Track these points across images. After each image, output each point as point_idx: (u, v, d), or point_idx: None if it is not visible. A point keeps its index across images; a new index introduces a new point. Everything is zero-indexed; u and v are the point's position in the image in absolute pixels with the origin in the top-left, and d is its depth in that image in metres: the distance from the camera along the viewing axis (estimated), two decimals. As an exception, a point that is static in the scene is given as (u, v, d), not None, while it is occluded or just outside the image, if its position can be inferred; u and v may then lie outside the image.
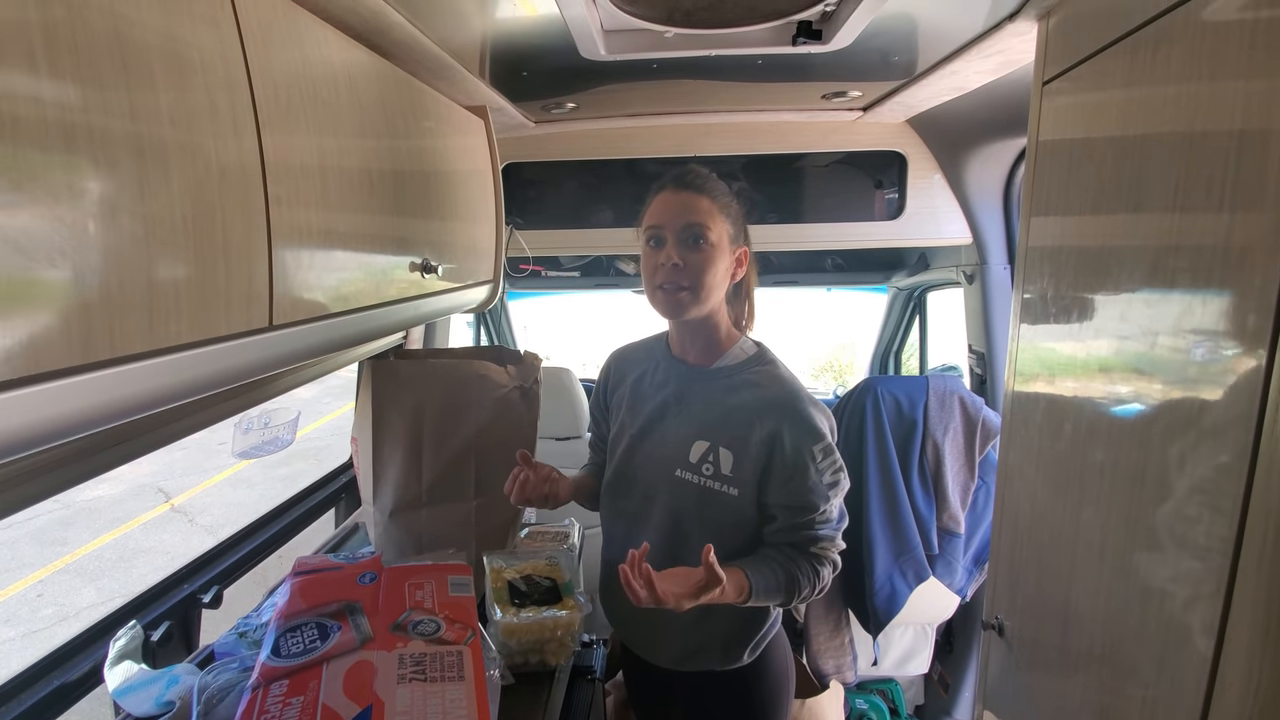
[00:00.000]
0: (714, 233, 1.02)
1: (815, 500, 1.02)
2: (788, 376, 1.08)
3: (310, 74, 0.78)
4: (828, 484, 1.03)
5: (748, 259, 1.10)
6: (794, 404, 1.03)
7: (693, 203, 1.03)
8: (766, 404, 1.03)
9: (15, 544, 4.71)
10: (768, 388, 1.05)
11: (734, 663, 1.13)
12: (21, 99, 0.43)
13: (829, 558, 1.05)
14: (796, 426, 1.01)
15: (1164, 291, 0.71)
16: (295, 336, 0.74)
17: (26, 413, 0.45)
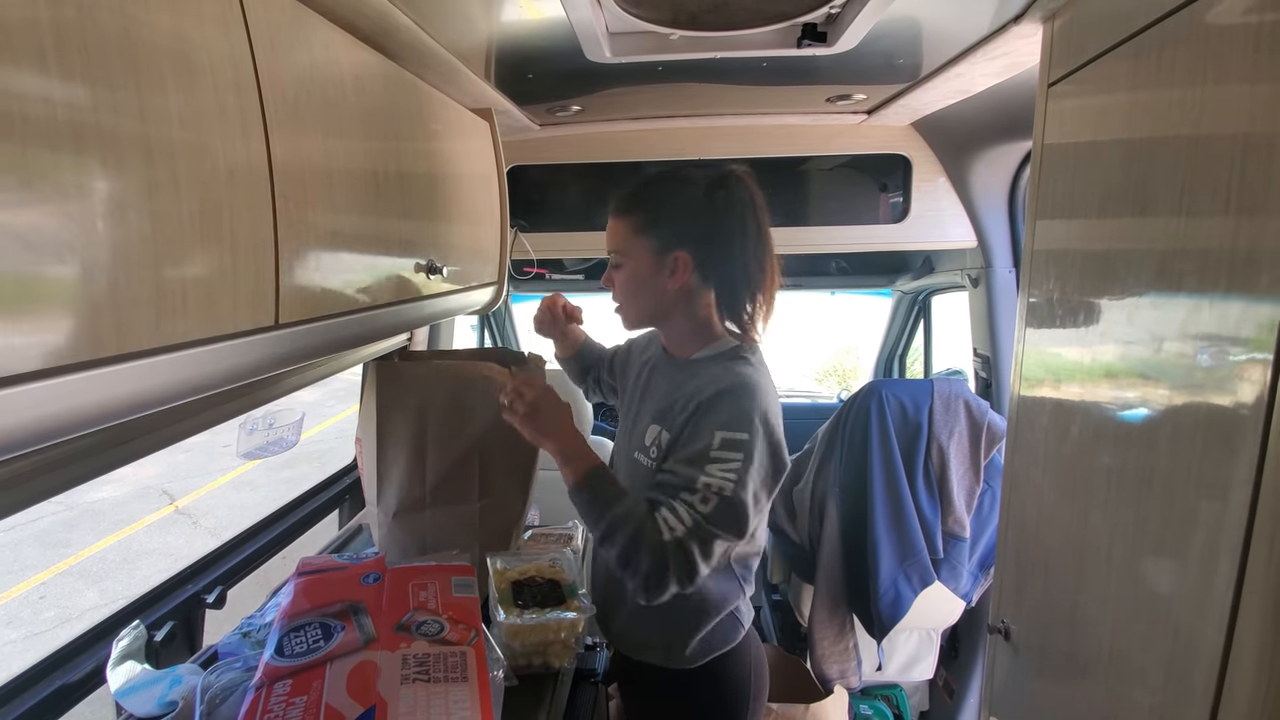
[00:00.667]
0: (628, 254, 1.07)
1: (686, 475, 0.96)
2: (739, 370, 1.02)
3: (318, 75, 0.79)
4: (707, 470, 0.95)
5: (686, 264, 1.05)
6: (730, 389, 0.99)
7: (612, 228, 1.09)
8: (704, 389, 1.01)
9: (18, 546, 4.72)
10: (714, 375, 1.03)
11: (679, 664, 1.13)
12: (32, 98, 0.44)
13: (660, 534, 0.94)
14: (713, 407, 0.98)
15: (1170, 295, 0.71)
16: (301, 335, 0.74)
17: (35, 408, 0.45)
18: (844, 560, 1.85)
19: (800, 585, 2.03)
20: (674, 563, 0.94)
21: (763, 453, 0.98)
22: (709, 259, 1.06)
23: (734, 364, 1.05)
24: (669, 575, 0.94)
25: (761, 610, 2.49)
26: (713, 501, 0.95)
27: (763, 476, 0.98)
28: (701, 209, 1.05)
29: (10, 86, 0.43)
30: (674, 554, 0.94)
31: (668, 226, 1.05)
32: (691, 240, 1.05)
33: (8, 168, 0.42)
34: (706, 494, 0.95)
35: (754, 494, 0.97)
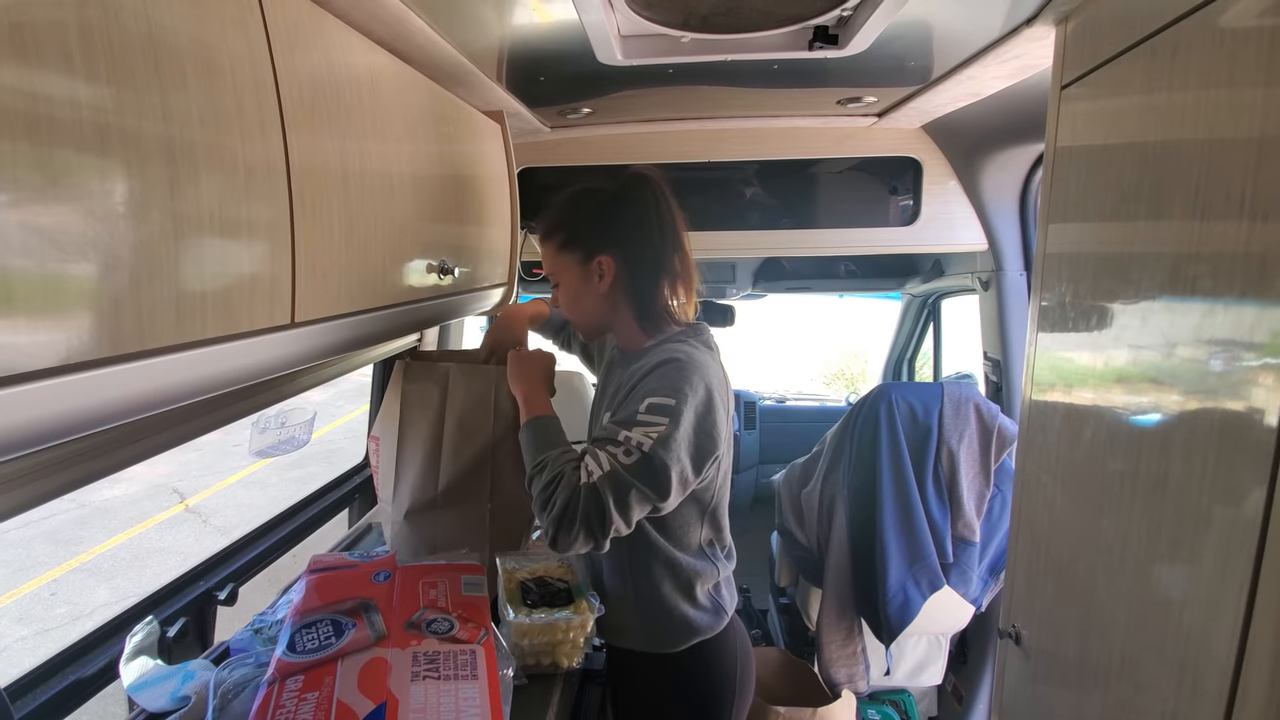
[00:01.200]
0: (559, 273, 1.16)
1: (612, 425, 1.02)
2: (680, 348, 1.08)
3: (334, 77, 0.80)
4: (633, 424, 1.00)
5: (609, 265, 1.11)
6: (663, 363, 1.04)
7: (542, 254, 1.19)
8: (643, 367, 1.07)
9: (30, 543, 4.77)
10: (654, 356, 1.08)
11: (661, 647, 1.15)
12: (58, 100, 0.45)
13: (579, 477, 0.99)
14: (650, 377, 1.04)
15: (1184, 299, 0.71)
16: (316, 334, 0.75)
17: (57, 402, 0.46)
18: (852, 564, 1.85)
19: (808, 588, 2.02)
20: (586, 504, 0.98)
21: (689, 422, 1.01)
22: (629, 256, 1.12)
23: (673, 344, 1.10)
24: (578, 516, 0.97)
25: (768, 613, 2.48)
26: (634, 455, 0.99)
27: (687, 445, 1.01)
28: (611, 215, 1.12)
29: (38, 88, 0.43)
30: (587, 496, 0.98)
31: (584, 237, 1.12)
32: (608, 243, 1.12)
33: (35, 167, 0.43)
34: (629, 447, 0.99)
35: (676, 457, 0.99)
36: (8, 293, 0.42)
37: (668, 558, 1.13)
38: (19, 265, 0.42)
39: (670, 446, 0.99)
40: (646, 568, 1.14)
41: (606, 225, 1.12)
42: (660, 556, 1.13)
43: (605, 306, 1.15)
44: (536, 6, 1.01)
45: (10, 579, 4.37)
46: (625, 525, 1.00)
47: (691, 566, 1.14)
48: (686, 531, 1.14)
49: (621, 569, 1.16)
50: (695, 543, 1.15)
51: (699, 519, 1.14)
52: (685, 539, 1.14)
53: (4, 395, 0.42)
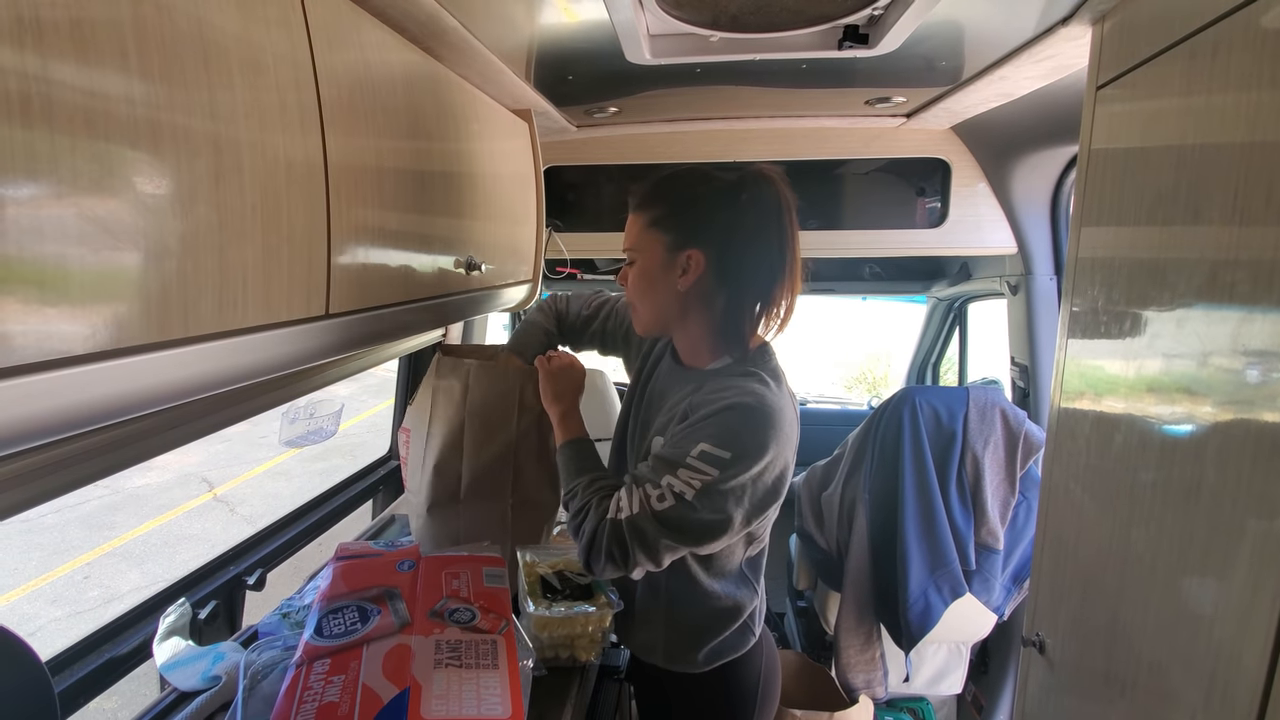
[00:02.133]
0: (641, 250, 1.03)
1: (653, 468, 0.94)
2: (746, 387, 0.95)
3: (371, 75, 0.81)
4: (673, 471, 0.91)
5: (698, 263, 0.99)
6: (730, 409, 0.93)
7: (629, 223, 1.05)
8: (710, 403, 0.95)
9: (64, 528, 4.92)
10: (725, 391, 0.96)
11: (685, 667, 1.12)
12: (115, 97, 0.47)
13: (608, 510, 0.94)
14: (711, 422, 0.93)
15: (1221, 306, 0.69)
16: (349, 325, 0.77)
17: (107, 385, 0.48)
18: (872, 568, 1.83)
19: (826, 592, 2.01)
20: (609, 540, 0.93)
21: (746, 477, 0.91)
22: (725, 261, 0.99)
23: (748, 381, 0.96)
24: (603, 549, 0.94)
25: (785, 616, 2.47)
26: (668, 502, 0.91)
27: (735, 499, 0.91)
28: (720, 208, 0.98)
29: (96, 85, 0.45)
30: (612, 531, 0.93)
31: (682, 222, 1.00)
32: (706, 239, 0.99)
33: (92, 160, 0.45)
34: (665, 493, 0.91)
35: (716, 511, 0.91)
36: (64, 279, 0.44)
37: (705, 588, 1.08)
38: (76, 253, 0.45)
39: (713, 497, 0.90)
40: (681, 593, 1.09)
41: (710, 220, 0.98)
42: (698, 586, 1.08)
43: (677, 307, 1.02)
44: (566, 6, 1.02)
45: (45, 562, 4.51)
46: (653, 565, 0.95)
47: (729, 596, 1.09)
48: (728, 559, 1.09)
49: (656, 589, 1.11)
50: (735, 568, 1.10)
51: (743, 547, 1.09)
52: (725, 566, 1.09)
53: (58, 377, 0.44)
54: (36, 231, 0.42)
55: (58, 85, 0.43)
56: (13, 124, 0.40)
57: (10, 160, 0.40)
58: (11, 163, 0.40)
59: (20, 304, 0.42)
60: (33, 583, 4.29)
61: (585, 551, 0.96)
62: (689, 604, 1.09)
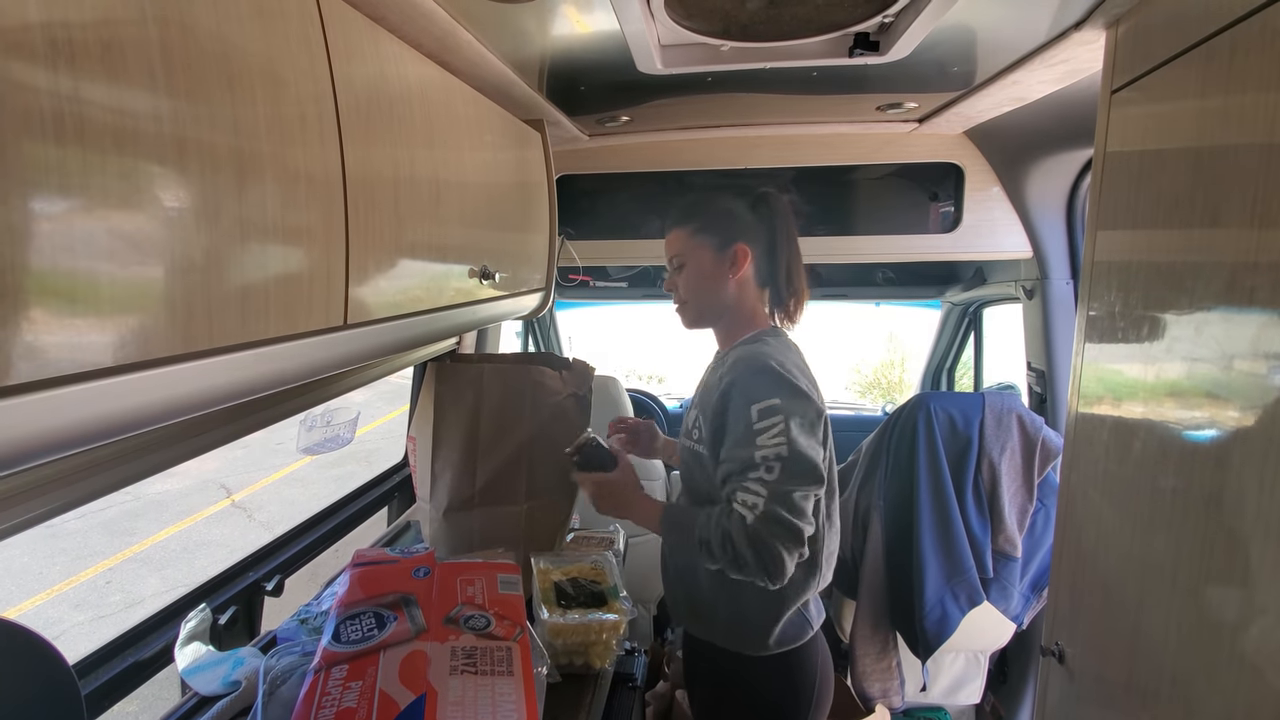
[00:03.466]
0: (687, 256, 1.20)
1: (742, 457, 1.03)
2: (765, 346, 1.13)
3: (388, 89, 0.83)
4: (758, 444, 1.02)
5: (745, 254, 1.18)
6: (747, 366, 1.09)
7: (672, 237, 1.23)
8: (730, 367, 1.12)
9: (87, 533, 5.00)
10: (740, 355, 1.13)
11: (754, 649, 1.15)
12: (143, 115, 0.48)
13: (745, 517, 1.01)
14: (743, 384, 1.07)
15: (1241, 310, 0.68)
16: (366, 335, 0.78)
17: (135, 396, 0.49)
18: (888, 576, 1.81)
19: (841, 599, 1.99)
20: (769, 534, 1.00)
21: (795, 405, 1.05)
22: (761, 254, 1.20)
23: (751, 345, 1.15)
24: (773, 547, 1.00)
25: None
26: (776, 467, 1.01)
27: (806, 424, 1.05)
28: (749, 212, 1.20)
29: (125, 104, 0.47)
30: (764, 526, 1.00)
31: (724, 225, 1.19)
32: (746, 235, 1.19)
33: (120, 177, 0.47)
34: (768, 464, 1.02)
35: (807, 442, 1.04)
36: (94, 292, 0.46)
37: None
38: (105, 267, 0.46)
39: (797, 438, 1.02)
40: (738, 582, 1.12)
41: (744, 221, 1.20)
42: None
43: (726, 299, 1.20)
44: (577, 18, 1.03)
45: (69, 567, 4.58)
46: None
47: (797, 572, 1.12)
48: None
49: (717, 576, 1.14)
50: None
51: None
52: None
53: (89, 389, 0.46)
54: (68, 246, 0.43)
55: (89, 104, 0.44)
56: (46, 142, 0.42)
57: (44, 177, 0.42)
58: (45, 179, 0.42)
59: (53, 317, 0.43)
60: (57, 587, 4.37)
61: (760, 566, 1.01)
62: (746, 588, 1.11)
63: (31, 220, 0.41)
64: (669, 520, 1.15)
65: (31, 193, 0.41)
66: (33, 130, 0.41)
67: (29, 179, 0.41)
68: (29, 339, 0.41)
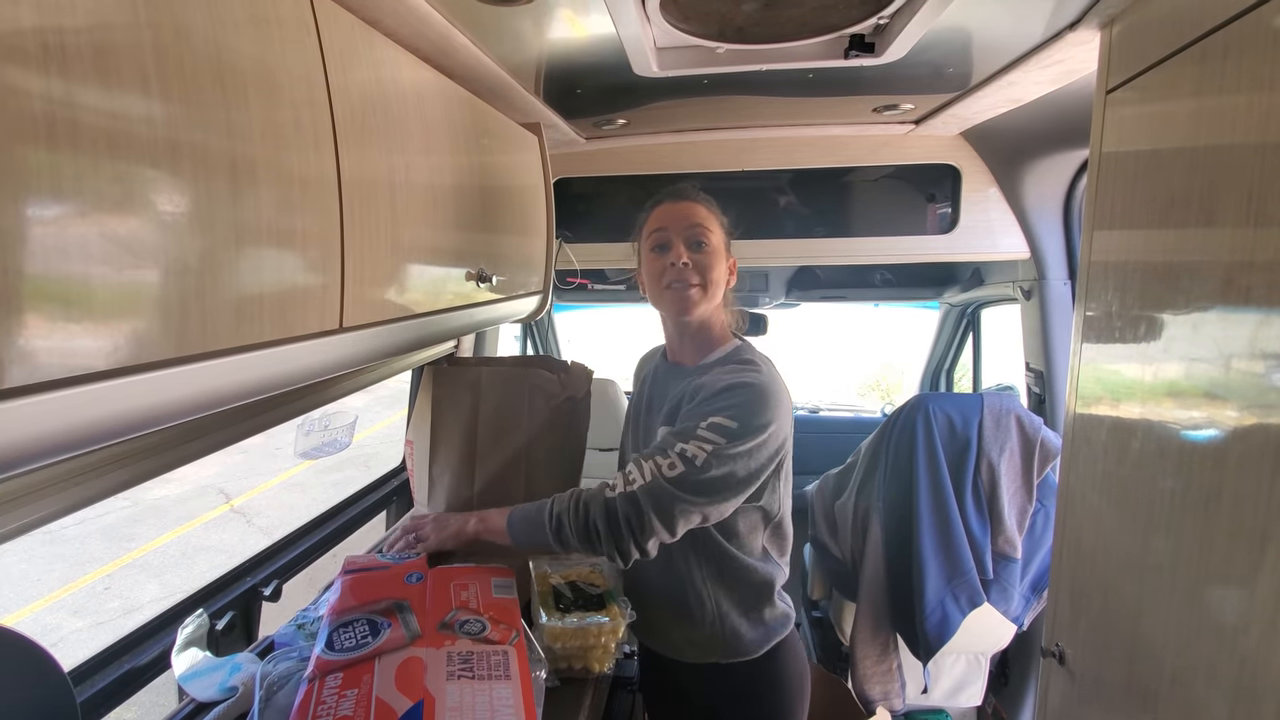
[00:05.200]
0: (714, 235, 1.14)
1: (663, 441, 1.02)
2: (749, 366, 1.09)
3: (383, 93, 0.83)
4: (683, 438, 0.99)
5: (735, 269, 1.20)
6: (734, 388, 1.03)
7: (692, 210, 1.15)
8: (712, 384, 1.06)
9: (86, 539, 4.99)
10: (725, 375, 1.07)
11: (742, 654, 1.15)
12: (136, 119, 0.48)
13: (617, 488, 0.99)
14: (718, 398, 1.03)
15: (1238, 309, 0.68)
16: (362, 339, 0.78)
17: (129, 400, 0.49)
18: (888, 578, 1.81)
19: (841, 602, 1.99)
20: (622, 513, 0.98)
21: (749, 444, 1.00)
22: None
23: (745, 368, 1.09)
24: (620, 526, 0.98)
25: (801, 626, 2.45)
26: (679, 469, 0.98)
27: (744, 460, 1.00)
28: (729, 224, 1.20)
29: (118, 108, 0.47)
30: (622, 505, 0.98)
31: (727, 230, 1.19)
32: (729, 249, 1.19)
33: (114, 181, 0.47)
34: (675, 461, 0.98)
35: (728, 471, 0.99)
36: (88, 296, 0.45)
37: (741, 563, 1.14)
38: (99, 271, 0.46)
39: (724, 460, 0.98)
40: (724, 574, 1.14)
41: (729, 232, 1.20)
42: (734, 561, 1.14)
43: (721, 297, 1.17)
44: (574, 21, 1.03)
45: (67, 573, 4.57)
46: (668, 532, 1.00)
47: (762, 568, 1.15)
48: (751, 538, 1.15)
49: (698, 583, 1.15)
50: (759, 548, 1.16)
51: (763, 526, 1.15)
52: (752, 546, 1.15)
53: (82, 393, 0.45)
54: (60, 251, 0.43)
55: (81, 108, 0.44)
56: (38, 146, 0.41)
57: (36, 181, 0.42)
58: (37, 184, 0.42)
59: (46, 321, 0.43)
60: (55, 594, 4.35)
61: (609, 539, 0.99)
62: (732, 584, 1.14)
63: (24, 224, 0.41)
64: (514, 512, 1.09)
65: (24, 197, 0.41)
66: (25, 134, 0.41)
67: (21, 183, 0.41)
68: (22, 343, 0.41)
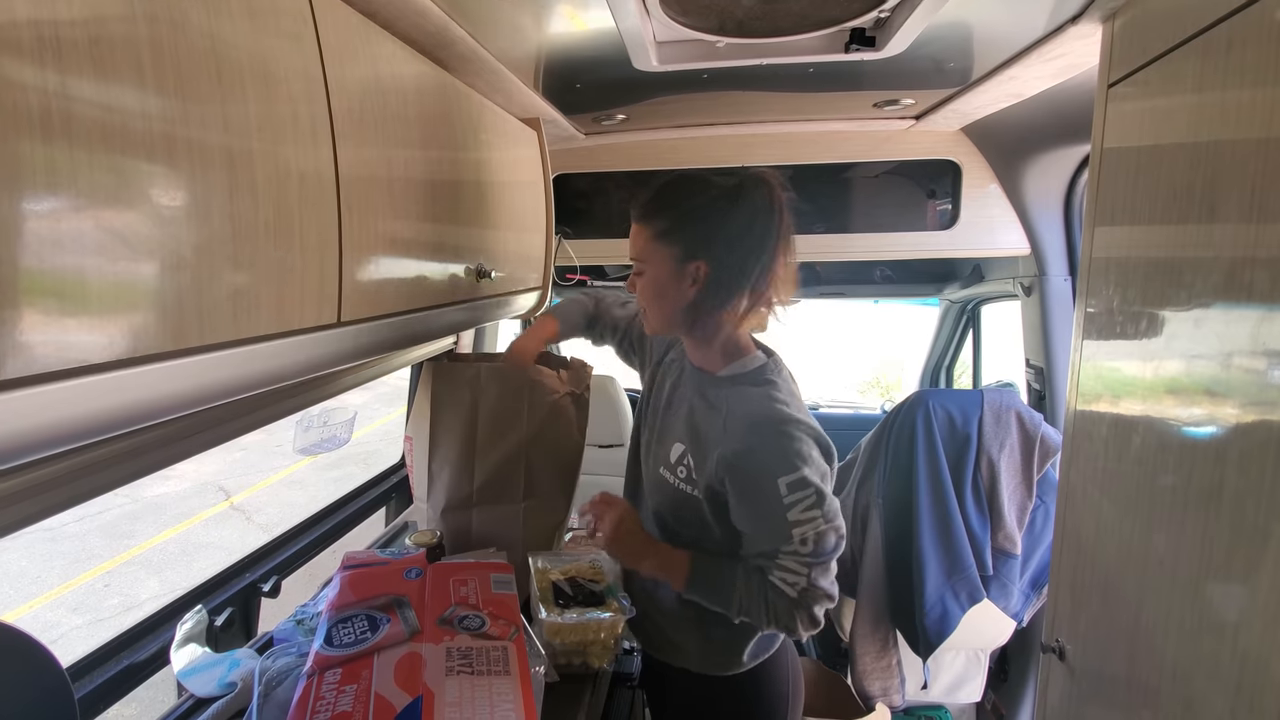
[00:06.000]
0: (649, 261, 1.05)
1: (773, 536, 0.98)
2: (777, 398, 1.02)
3: (381, 87, 0.83)
4: (793, 521, 0.96)
5: (704, 272, 1.01)
6: (768, 430, 0.98)
7: (634, 234, 1.07)
8: (737, 421, 1.01)
9: (86, 536, 4.98)
10: (747, 405, 1.02)
11: (716, 669, 1.14)
12: (131, 112, 0.48)
13: (786, 593, 0.98)
14: (765, 453, 0.98)
15: (1240, 305, 0.68)
16: (361, 333, 0.78)
17: (125, 393, 0.49)
18: (887, 574, 1.81)
19: (841, 598, 1.99)
20: (812, 603, 0.99)
21: (817, 465, 0.98)
22: (729, 270, 1.01)
23: (761, 390, 1.03)
24: (815, 613, 0.99)
25: None
26: (810, 541, 0.97)
27: (826, 480, 1.00)
28: (722, 218, 1.01)
29: (114, 101, 0.46)
30: (807, 599, 0.98)
31: (687, 235, 1.02)
32: (711, 251, 1.01)
33: (109, 173, 0.46)
34: (804, 538, 0.97)
35: (832, 504, 0.98)
36: (83, 289, 0.45)
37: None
38: (94, 264, 0.45)
39: (826, 506, 0.98)
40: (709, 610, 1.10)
41: (712, 227, 1.01)
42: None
43: (688, 314, 1.05)
44: (573, 15, 1.02)
45: (67, 570, 4.57)
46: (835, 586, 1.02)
47: None
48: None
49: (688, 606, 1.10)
50: None
51: None
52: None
53: (77, 385, 0.45)
54: (56, 243, 0.43)
55: (76, 101, 0.44)
56: (33, 139, 0.41)
57: (31, 174, 0.41)
58: (32, 177, 0.41)
59: (40, 314, 0.43)
60: (55, 591, 4.35)
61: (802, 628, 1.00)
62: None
63: (19, 216, 0.41)
64: (699, 573, 1.04)
65: (19, 189, 0.41)
66: (20, 127, 0.40)
67: (16, 176, 0.40)
68: (18, 334, 0.41)
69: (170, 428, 0.87)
